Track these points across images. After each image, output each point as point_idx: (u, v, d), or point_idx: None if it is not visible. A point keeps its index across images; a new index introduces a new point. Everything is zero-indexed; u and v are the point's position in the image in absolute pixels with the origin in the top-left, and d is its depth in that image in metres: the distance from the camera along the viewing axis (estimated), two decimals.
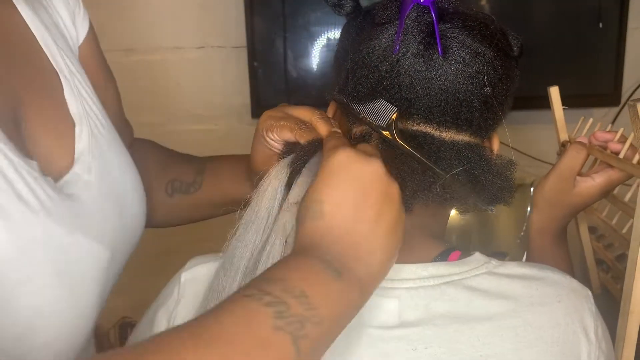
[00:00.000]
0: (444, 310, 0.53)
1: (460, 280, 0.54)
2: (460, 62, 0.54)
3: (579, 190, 0.76)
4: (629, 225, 0.83)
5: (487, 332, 0.53)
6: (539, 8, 1.57)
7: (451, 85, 0.54)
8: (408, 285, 0.54)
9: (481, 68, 0.55)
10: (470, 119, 0.56)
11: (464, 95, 0.55)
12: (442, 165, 0.56)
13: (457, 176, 0.56)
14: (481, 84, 0.55)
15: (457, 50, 0.54)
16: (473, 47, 0.55)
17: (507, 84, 0.57)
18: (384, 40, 0.55)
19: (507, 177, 0.59)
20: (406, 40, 0.54)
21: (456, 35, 0.55)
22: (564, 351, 0.53)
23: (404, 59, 0.54)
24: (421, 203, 0.57)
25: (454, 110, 0.55)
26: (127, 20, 1.56)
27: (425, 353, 0.52)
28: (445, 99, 0.55)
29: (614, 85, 1.58)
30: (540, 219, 0.78)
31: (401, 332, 0.53)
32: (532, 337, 0.53)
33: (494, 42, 0.56)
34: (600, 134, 0.78)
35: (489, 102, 0.56)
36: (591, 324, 0.55)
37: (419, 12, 0.54)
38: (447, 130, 0.56)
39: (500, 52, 0.56)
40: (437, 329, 0.52)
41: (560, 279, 0.57)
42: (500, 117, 0.59)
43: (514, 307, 0.54)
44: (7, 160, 0.50)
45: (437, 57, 0.54)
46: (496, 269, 0.56)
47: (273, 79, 1.56)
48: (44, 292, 0.51)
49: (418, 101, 0.55)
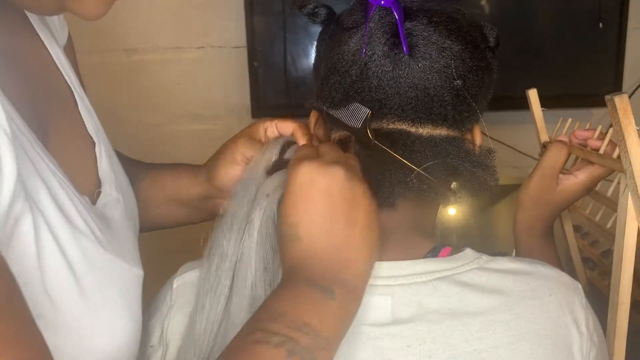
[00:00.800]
0: (436, 306, 0.54)
1: (452, 275, 0.55)
2: (427, 59, 0.55)
3: (563, 187, 0.77)
4: (612, 219, 0.84)
5: (480, 326, 0.53)
6: (539, 8, 1.57)
7: (420, 82, 0.55)
8: (400, 282, 0.54)
9: (449, 62, 0.55)
10: (444, 113, 0.57)
11: (434, 90, 0.55)
12: (416, 158, 0.56)
13: (433, 168, 0.56)
14: (450, 77, 0.55)
15: (422, 47, 0.55)
16: (439, 42, 0.55)
17: (479, 75, 0.58)
18: (352, 44, 0.57)
19: (487, 166, 0.60)
20: (372, 42, 0.55)
21: (421, 33, 0.55)
22: (556, 344, 0.54)
23: (371, 61, 0.55)
24: (402, 197, 0.58)
25: (426, 106, 0.56)
26: (127, 20, 1.56)
27: (419, 349, 0.52)
28: (416, 96, 0.55)
29: (614, 85, 1.58)
30: (526, 219, 0.79)
31: (395, 329, 0.53)
32: (524, 331, 0.53)
33: (461, 35, 0.56)
34: (579, 132, 0.80)
35: (461, 95, 0.57)
36: (582, 316, 0.56)
37: (381, 14, 0.55)
38: (422, 125, 0.57)
39: (469, 45, 0.57)
40: (430, 325, 0.53)
41: (550, 273, 0.58)
42: (476, 109, 0.59)
43: (506, 301, 0.54)
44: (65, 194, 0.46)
45: (403, 56, 0.55)
46: (487, 264, 0.56)
47: (273, 79, 1.56)
48: (117, 325, 0.49)
49: (389, 101, 0.56)
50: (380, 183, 0.57)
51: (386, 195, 0.57)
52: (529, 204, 0.79)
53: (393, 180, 0.57)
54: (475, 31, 0.59)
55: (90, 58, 1.58)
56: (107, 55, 1.58)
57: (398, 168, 0.57)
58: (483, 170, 0.59)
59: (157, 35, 1.58)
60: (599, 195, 0.84)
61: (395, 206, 0.58)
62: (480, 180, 0.59)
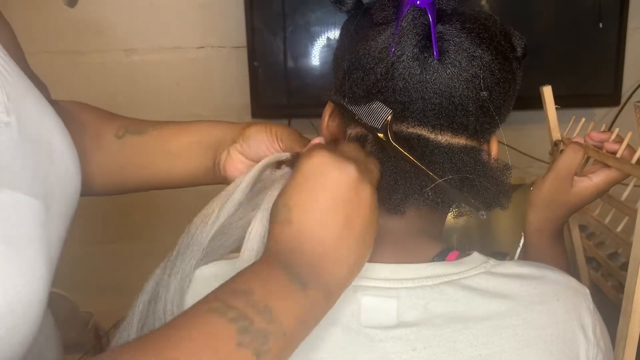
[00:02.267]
0: (442, 310, 0.53)
1: (459, 280, 0.54)
2: (456, 66, 0.53)
3: (577, 190, 0.76)
4: (623, 223, 0.83)
5: (486, 331, 0.52)
6: (539, 8, 1.57)
7: (446, 89, 0.54)
8: (407, 285, 0.54)
9: (477, 72, 0.54)
10: (465, 123, 0.56)
11: (459, 99, 0.54)
12: (434, 168, 0.55)
13: (450, 180, 0.56)
14: (477, 88, 0.54)
15: (453, 53, 0.54)
16: (470, 50, 0.54)
17: (505, 88, 0.57)
18: (380, 41, 0.55)
19: (502, 182, 0.59)
20: (402, 42, 0.54)
21: (453, 38, 0.54)
22: (563, 350, 0.53)
23: (399, 62, 0.54)
24: (413, 206, 0.57)
25: (449, 114, 0.55)
26: (127, 20, 1.56)
27: (425, 353, 0.52)
28: (440, 103, 0.54)
29: (614, 85, 1.58)
30: (537, 220, 0.78)
31: (400, 332, 0.53)
32: (531, 336, 0.53)
33: (492, 44, 0.55)
34: (595, 134, 0.79)
35: (485, 107, 0.56)
36: (589, 322, 0.56)
37: (415, 14, 0.53)
38: (442, 133, 0.56)
39: (499, 56, 0.56)
40: (436, 329, 0.52)
41: (558, 278, 0.57)
42: (497, 121, 0.58)
43: (513, 306, 0.54)
44: None
45: (433, 61, 0.53)
46: (494, 268, 0.56)
47: (273, 79, 1.56)
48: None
49: (412, 104, 0.54)
50: (393, 189, 0.56)
51: (398, 203, 0.56)
52: (542, 205, 0.77)
53: (408, 188, 0.55)
54: (505, 41, 0.58)
55: (90, 58, 1.58)
56: (107, 55, 1.58)
57: (414, 176, 0.55)
58: (497, 186, 0.58)
59: (157, 35, 1.58)
60: (611, 199, 0.83)
61: (405, 213, 0.57)
62: (493, 197, 0.58)
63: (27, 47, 0.71)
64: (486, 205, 0.58)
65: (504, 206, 0.59)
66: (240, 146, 0.66)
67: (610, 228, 0.87)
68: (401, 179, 0.55)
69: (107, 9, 1.54)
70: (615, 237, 0.85)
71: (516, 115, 1.57)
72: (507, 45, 0.58)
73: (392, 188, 0.55)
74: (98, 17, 1.55)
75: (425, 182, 0.55)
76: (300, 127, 0.71)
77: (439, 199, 0.56)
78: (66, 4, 1.51)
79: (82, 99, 0.82)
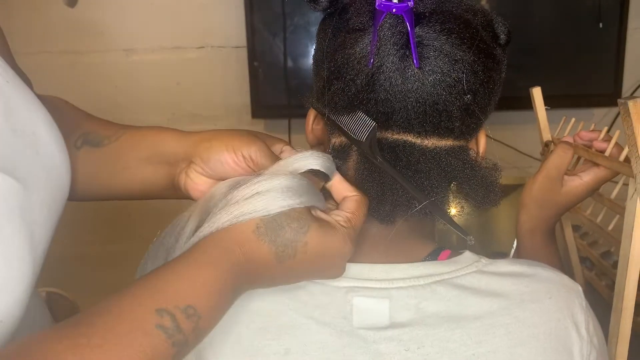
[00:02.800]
0: (435, 309, 0.53)
1: (450, 279, 0.54)
2: (438, 72, 0.51)
3: (567, 189, 0.76)
4: (614, 222, 0.84)
5: (479, 330, 0.52)
6: (539, 8, 1.57)
7: (429, 97, 0.52)
8: (398, 285, 0.54)
9: (460, 76, 0.52)
10: (451, 127, 0.54)
11: (443, 105, 0.53)
12: (421, 177, 0.54)
13: (438, 190, 0.55)
14: (461, 92, 0.53)
15: (434, 59, 0.51)
16: (451, 54, 0.52)
17: (490, 86, 0.55)
18: (358, 50, 0.53)
19: (491, 181, 0.58)
20: (380, 53, 0.51)
21: (433, 42, 0.52)
22: (556, 347, 0.53)
23: (379, 72, 0.52)
24: (403, 215, 0.56)
25: (433, 120, 0.53)
26: (127, 20, 1.56)
27: (418, 353, 0.52)
28: (424, 111, 0.53)
29: (614, 85, 1.58)
30: (529, 220, 0.79)
31: (393, 333, 0.53)
32: (524, 335, 0.53)
33: (474, 43, 0.53)
34: (584, 133, 0.79)
35: (470, 109, 0.54)
36: (582, 319, 0.56)
37: (392, 22, 0.51)
38: (428, 138, 0.55)
39: (482, 54, 0.53)
40: (428, 329, 0.52)
41: (550, 275, 0.57)
42: (483, 119, 0.57)
43: (505, 304, 0.54)
44: None
45: (413, 69, 0.52)
46: (486, 267, 0.56)
47: (273, 79, 1.56)
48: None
49: (395, 114, 0.53)
50: (381, 201, 0.55)
51: (387, 214, 0.55)
52: (532, 204, 0.78)
53: (395, 200, 0.55)
54: (488, 33, 0.56)
55: (90, 58, 1.58)
56: (107, 55, 1.58)
57: (400, 188, 0.55)
58: (487, 186, 0.57)
59: (157, 35, 1.58)
60: (602, 197, 0.83)
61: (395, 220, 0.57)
62: (483, 197, 0.57)
63: (27, 47, 0.71)
64: (477, 205, 0.58)
65: (495, 204, 0.59)
66: (201, 168, 0.62)
67: (602, 227, 0.88)
68: (388, 191, 0.55)
69: (107, 9, 1.54)
70: (607, 235, 0.86)
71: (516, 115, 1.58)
72: (490, 37, 0.56)
73: (380, 200, 0.55)
74: (98, 17, 1.55)
75: (412, 196, 0.55)
76: (300, 127, 0.71)
77: (427, 210, 0.55)
78: (66, 4, 1.51)
79: (82, 98, 0.82)
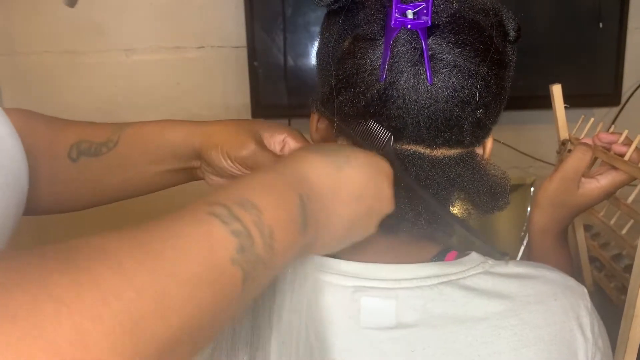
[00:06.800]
0: (441, 310, 0.53)
1: (457, 280, 0.54)
2: (451, 89, 0.51)
3: (583, 191, 0.75)
4: (628, 226, 0.83)
5: (485, 331, 0.52)
6: (539, 8, 1.57)
7: (442, 113, 0.51)
8: (404, 286, 0.54)
9: (474, 91, 0.51)
10: (462, 139, 0.54)
11: (456, 121, 0.52)
12: (432, 187, 0.54)
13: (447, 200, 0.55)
14: (474, 108, 0.52)
15: (447, 75, 0.50)
16: (465, 68, 0.51)
17: (502, 98, 0.55)
18: (369, 61, 0.52)
19: (500, 191, 0.57)
20: (394, 69, 0.50)
21: (446, 57, 0.50)
22: (561, 349, 0.53)
23: (392, 88, 0.51)
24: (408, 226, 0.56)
25: (445, 135, 0.53)
26: (127, 20, 1.56)
27: (423, 354, 0.52)
28: (436, 127, 0.52)
29: (614, 85, 1.58)
30: (542, 220, 0.78)
31: (399, 333, 0.52)
32: (529, 336, 0.53)
33: (488, 55, 0.52)
34: (604, 135, 0.78)
35: (482, 122, 0.54)
36: (587, 321, 0.56)
37: (406, 37, 0.50)
38: (437, 149, 0.54)
39: (495, 65, 0.53)
40: (434, 330, 0.52)
41: (556, 277, 0.57)
42: (493, 127, 0.57)
43: (511, 306, 0.54)
44: None
45: (427, 86, 0.50)
46: (492, 268, 0.56)
47: (273, 79, 1.56)
48: None
49: (407, 129, 0.52)
50: (400, 211, 0.54)
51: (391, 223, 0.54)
52: (547, 205, 0.77)
53: (404, 212, 0.54)
54: (499, 33, 0.54)
55: (90, 58, 1.58)
56: (107, 55, 1.58)
57: (411, 201, 0.54)
58: (495, 195, 0.57)
59: (157, 35, 1.58)
60: (618, 202, 0.82)
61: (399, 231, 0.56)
62: (492, 204, 0.57)
63: (27, 47, 0.71)
64: (485, 211, 0.57)
65: (502, 209, 0.59)
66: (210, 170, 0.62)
67: (615, 230, 0.87)
68: (400, 202, 0.53)
69: (107, 9, 1.54)
70: (620, 239, 0.85)
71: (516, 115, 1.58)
72: (502, 37, 0.55)
73: (399, 210, 0.53)
74: (98, 17, 1.55)
75: (421, 208, 0.54)
76: (300, 127, 0.71)
77: (432, 224, 0.55)
78: (66, 4, 1.51)
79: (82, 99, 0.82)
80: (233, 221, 0.36)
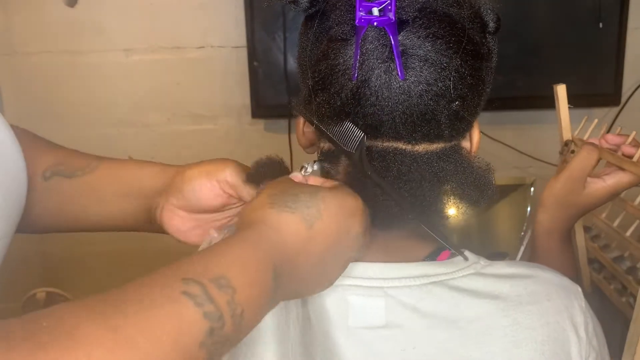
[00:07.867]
0: (431, 310, 0.53)
1: (447, 280, 0.54)
2: (424, 83, 0.50)
3: (589, 191, 0.75)
4: (634, 227, 0.83)
5: (477, 332, 0.52)
6: (539, 8, 1.57)
7: (416, 108, 0.51)
8: (393, 285, 0.54)
9: (447, 84, 0.51)
10: (440, 133, 0.53)
11: (431, 115, 0.51)
12: (413, 187, 0.54)
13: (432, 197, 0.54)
14: (448, 100, 0.51)
15: (419, 70, 0.50)
16: (437, 61, 0.50)
17: (479, 88, 0.54)
18: (342, 61, 0.51)
19: (485, 183, 0.57)
20: (364, 67, 0.50)
21: (417, 51, 0.50)
22: (554, 350, 0.53)
23: (364, 86, 0.51)
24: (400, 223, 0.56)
25: (422, 130, 0.52)
26: (127, 20, 1.56)
27: (414, 353, 0.52)
28: (412, 122, 0.51)
29: (614, 85, 1.58)
30: (548, 220, 0.78)
31: (388, 333, 0.52)
32: (522, 337, 0.53)
33: (461, 46, 0.51)
34: (610, 137, 0.78)
35: (459, 114, 0.53)
36: (581, 320, 0.55)
37: (374, 34, 0.49)
38: (418, 144, 0.53)
39: (469, 56, 0.52)
40: (424, 329, 0.52)
41: (549, 277, 0.57)
42: (473, 120, 0.56)
43: (503, 306, 0.53)
44: None
45: (399, 81, 0.50)
46: (484, 269, 0.56)
47: (273, 79, 1.56)
48: None
49: (383, 125, 0.52)
50: (374, 208, 0.54)
51: (381, 221, 0.55)
52: (553, 205, 0.77)
53: (390, 215, 0.54)
54: (476, 25, 0.54)
55: (90, 58, 1.58)
56: (106, 55, 1.58)
57: (396, 204, 0.54)
58: (481, 187, 0.56)
59: (157, 35, 1.58)
60: (624, 203, 0.82)
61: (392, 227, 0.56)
62: (478, 197, 0.57)
63: (27, 47, 0.71)
64: (472, 204, 0.57)
65: (491, 202, 0.58)
66: (176, 200, 0.62)
67: (618, 231, 0.86)
68: (381, 207, 0.54)
69: (107, 9, 1.54)
70: (623, 240, 0.84)
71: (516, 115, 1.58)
72: (479, 29, 0.54)
73: (373, 209, 0.54)
74: (98, 17, 1.55)
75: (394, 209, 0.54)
76: None
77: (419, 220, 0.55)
78: (66, 4, 1.51)
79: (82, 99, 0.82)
80: (207, 303, 0.37)
